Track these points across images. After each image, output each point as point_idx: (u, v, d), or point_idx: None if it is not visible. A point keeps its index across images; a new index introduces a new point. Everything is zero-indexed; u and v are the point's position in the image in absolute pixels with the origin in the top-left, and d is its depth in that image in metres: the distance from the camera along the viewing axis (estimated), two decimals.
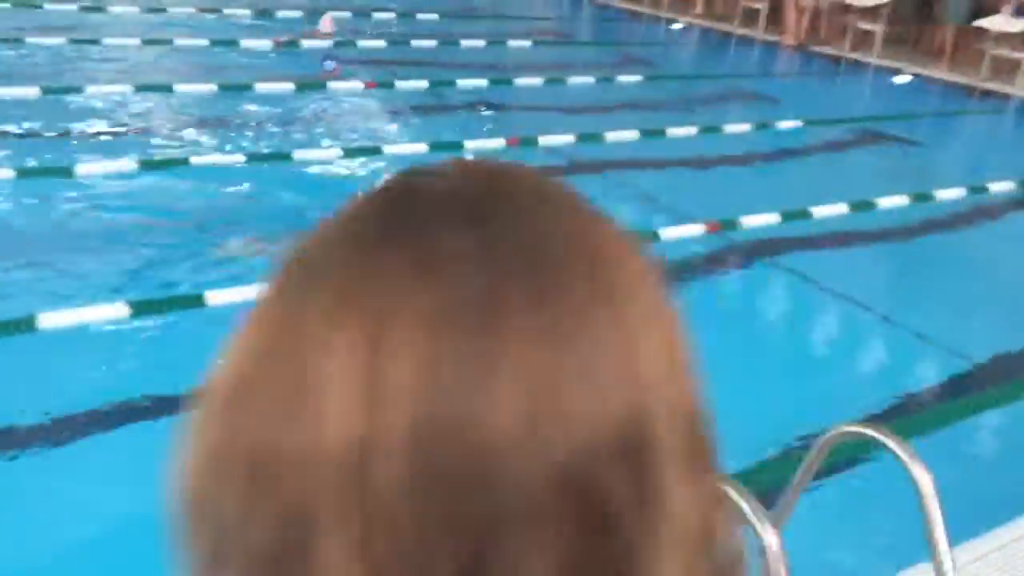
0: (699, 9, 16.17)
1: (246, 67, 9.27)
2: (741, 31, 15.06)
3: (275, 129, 7.66)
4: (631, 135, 8.13)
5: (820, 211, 6.63)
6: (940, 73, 12.72)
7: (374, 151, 7.20)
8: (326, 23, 11.15)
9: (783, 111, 9.96)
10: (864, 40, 13.84)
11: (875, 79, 12.70)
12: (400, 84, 9.30)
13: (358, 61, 9.98)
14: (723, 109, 9.97)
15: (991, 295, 5.75)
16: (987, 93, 11.99)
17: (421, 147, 7.18)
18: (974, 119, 11.32)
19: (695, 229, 6.03)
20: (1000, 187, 7.78)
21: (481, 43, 11.76)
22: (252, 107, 8.10)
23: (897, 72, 12.67)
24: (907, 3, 14.01)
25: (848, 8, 13.74)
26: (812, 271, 5.82)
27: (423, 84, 9.27)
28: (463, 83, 9.52)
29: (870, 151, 9.00)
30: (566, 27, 15.65)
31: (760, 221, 6.34)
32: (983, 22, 12.17)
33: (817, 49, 14.03)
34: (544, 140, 7.74)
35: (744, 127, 8.96)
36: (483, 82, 9.66)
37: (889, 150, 9.13)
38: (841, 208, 6.71)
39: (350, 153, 7.08)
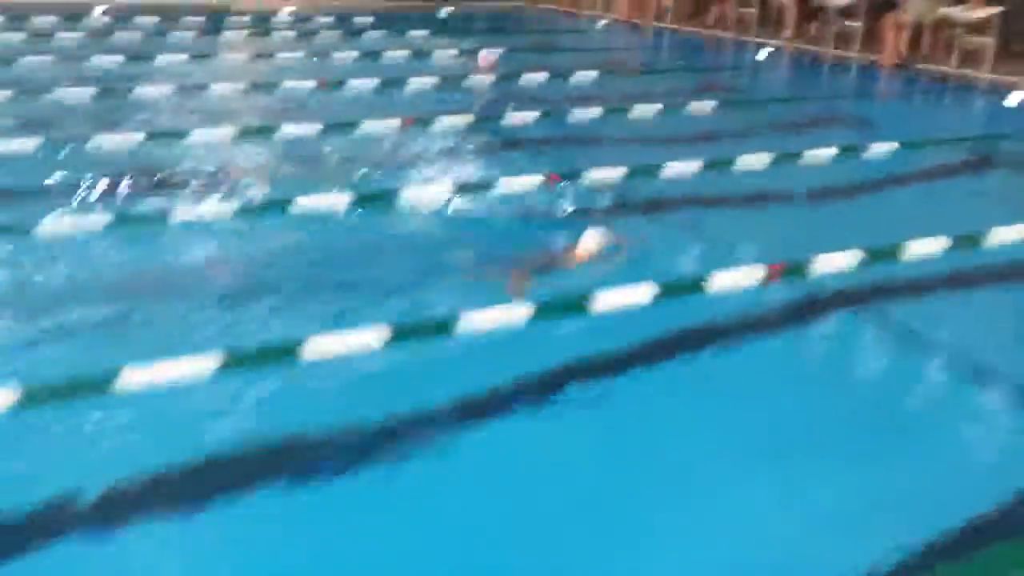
0: (789, 32, 15.00)
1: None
2: (835, 52, 13.84)
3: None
4: (695, 167, 7.13)
5: (916, 248, 5.48)
6: None
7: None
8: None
9: (877, 134, 8.77)
10: (973, 56, 12.45)
11: (987, 97, 11.30)
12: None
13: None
14: (809, 135, 8.82)
15: None
16: None
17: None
18: None
19: (751, 274, 4.97)
20: None
21: (546, 76, 10.98)
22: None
23: (1011, 90, 11.23)
24: (1020, 15, 12.57)
25: (955, 22, 12.38)
26: (911, 321, 4.70)
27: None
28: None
29: (979, 177, 7.72)
30: (648, 58, 14.75)
31: (840, 262, 5.25)
32: None
33: (920, 67, 12.70)
34: (600, 174, 6.82)
35: (830, 152, 7.83)
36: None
37: (1002, 175, 7.83)
38: (941, 243, 5.54)
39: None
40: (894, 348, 4.58)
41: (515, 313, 4.43)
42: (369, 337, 4.11)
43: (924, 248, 5.49)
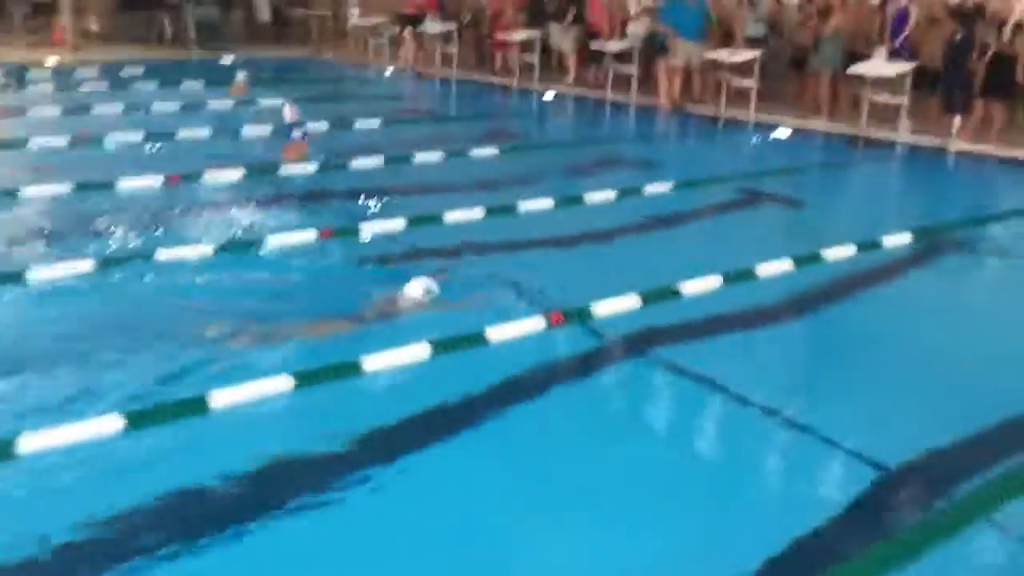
0: (571, 79, 15.38)
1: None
2: (614, 97, 14.28)
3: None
4: (476, 214, 6.98)
5: (692, 287, 5.51)
6: (820, 125, 12.01)
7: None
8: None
9: (654, 175, 8.98)
10: (741, 96, 13.14)
11: (753, 136, 11.90)
12: None
13: None
14: (590, 178, 8.90)
15: (899, 375, 4.63)
16: (870, 141, 11.27)
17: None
18: (859, 170, 10.51)
19: (531, 324, 4.80)
20: (895, 241, 6.80)
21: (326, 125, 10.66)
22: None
23: (776, 127, 11.91)
24: (781, 57, 13.42)
25: (720, 65, 13.04)
26: (686, 362, 4.64)
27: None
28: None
29: (750, 213, 8.00)
30: (430, 105, 14.67)
31: (621, 306, 5.17)
32: (857, 68, 11.51)
33: (693, 110, 13.28)
34: (372, 226, 6.54)
35: (609, 195, 7.92)
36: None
37: (770, 211, 8.16)
38: (714, 282, 5.60)
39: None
40: (680, 390, 4.51)
41: (277, 383, 4.06)
42: (104, 425, 3.63)
43: (701, 286, 5.53)
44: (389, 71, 17.56)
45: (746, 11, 13.01)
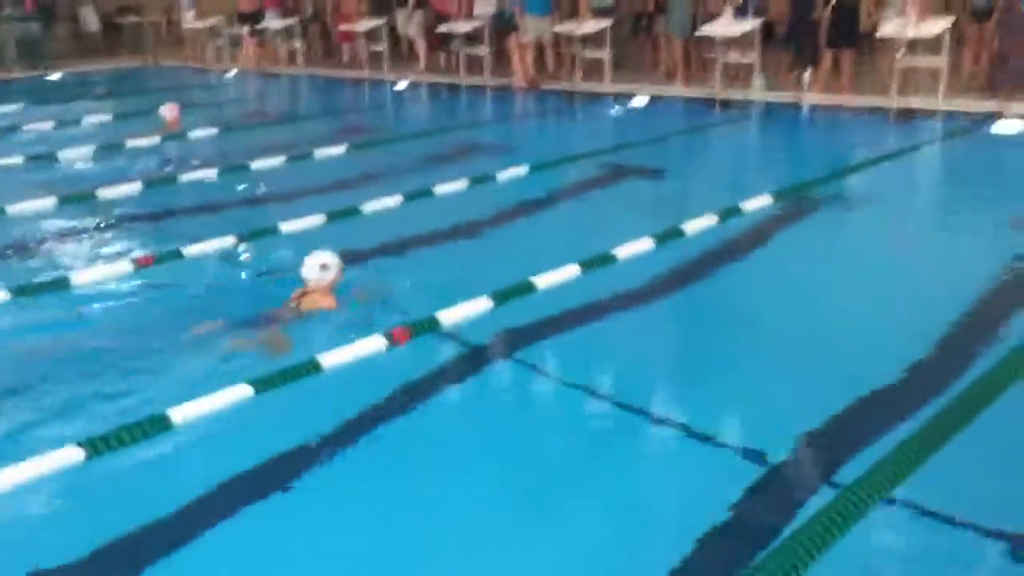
0: (422, 66, 14.78)
1: None
2: (469, 81, 13.77)
3: None
4: (316, 221, 6.37)
5: (551, 279, 5.05)
6: (676, 90, 11.79)
7: None
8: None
9: (512, 159, 8.53)
10: (596, 68, 12.83)
11: (612, 107, 11.59)
12: None
13: None
14: (445, 169, 8.37)
15: (770, 354, 4.27)
16: (726, 103, 11.10)
17: None
18: (717, 132, 10.28)
19: (372, 345, 4.26)
20: (758, 204, 6.51)
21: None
22: None
23: (632, 96, 11.63)
24: (625, 24, 13.17)
25: (571, 39, 12.68)
26: (547, 363, 4.19)
27: None
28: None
29: (611, 191, 7.60)
30: (274, 106, 13.85)
31: (472, 310, 4.67)
32: (705, 29, 11.31)
33: (549, 86, 12.89)
34: (201, 247, 5.85)
35: (462, 185, 7.42)
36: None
37: (632, 185, 7.79)
38: (574, 271, 5.16)
39: None
40: (544, 396, 4.05)
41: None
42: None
43: (560, 277, 5.09)
44: (231, 73, 16.61)
45: None
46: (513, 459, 3.49)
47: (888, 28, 10.06)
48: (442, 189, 7.26)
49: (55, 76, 16.49)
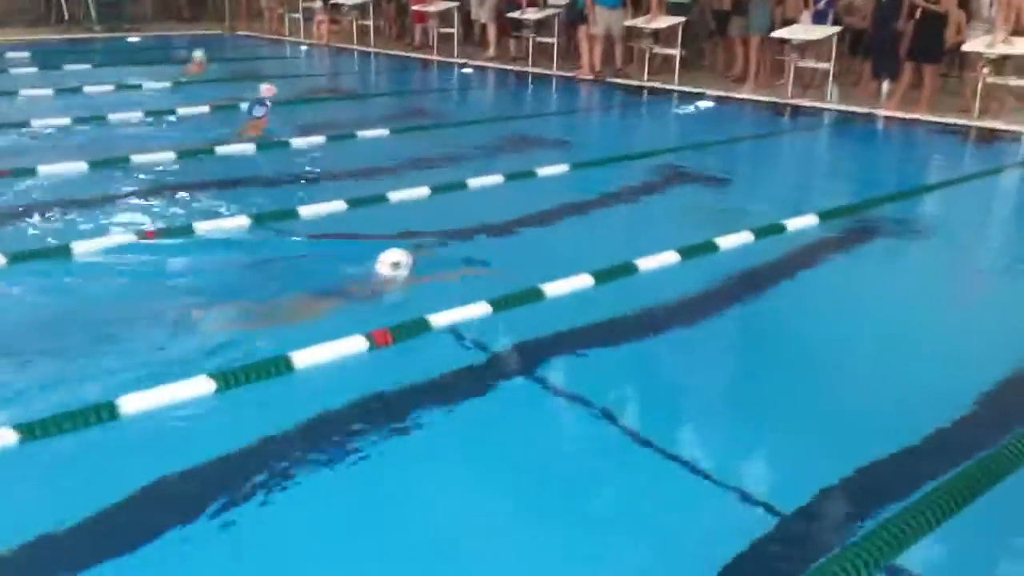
0: (491, 51, 14.48)
1: None
2: (535, 69, 13.44)
3: None
4: (338, 205, 6.16)
5: (559, 287, 4.71)
6: (746, 93, 11.29)
7: None
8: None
9: (567, 155, 8.22)
10: (666, 65, 12.39)
11: (677, 106, 11.16)
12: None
13: None
14: (497, 161, 8.08)
15: (803, 392, 3.90)
16: (797, 109, 10.58)
17: None
18: (784, 141, 9.80)
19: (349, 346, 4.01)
20: (810, 222, 6.08)
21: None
22: None
23: (701, 96, 11.18)
24: (704, 22, 12.67)
25: (642, 33, 12.24)
26: (563, 381, 3.89)
27: None
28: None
29: (666, 195, 7.21)
30: (339, 83, 13.69)
31: (472, 313, 4.38)
32: (782, 32, 10.78)
33: (616, 80, 12.48)
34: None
35: (498, 179, 7.11)
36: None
37: (689, 190, 7.38)
38: (585, 280, 4.83)
39: None
40: (552, 419, 3.74)
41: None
42: None
43: (575, 285, 4.78)
44: (304, 47, 16.56)
45: None
46: (519, 482, 3.20)
47: (974, 43, 9.42)
48: (477, 182, 6.97)
49: (134, 38, 16.63)
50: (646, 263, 5.14)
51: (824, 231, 6.08)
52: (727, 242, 5.60)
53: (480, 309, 4.39)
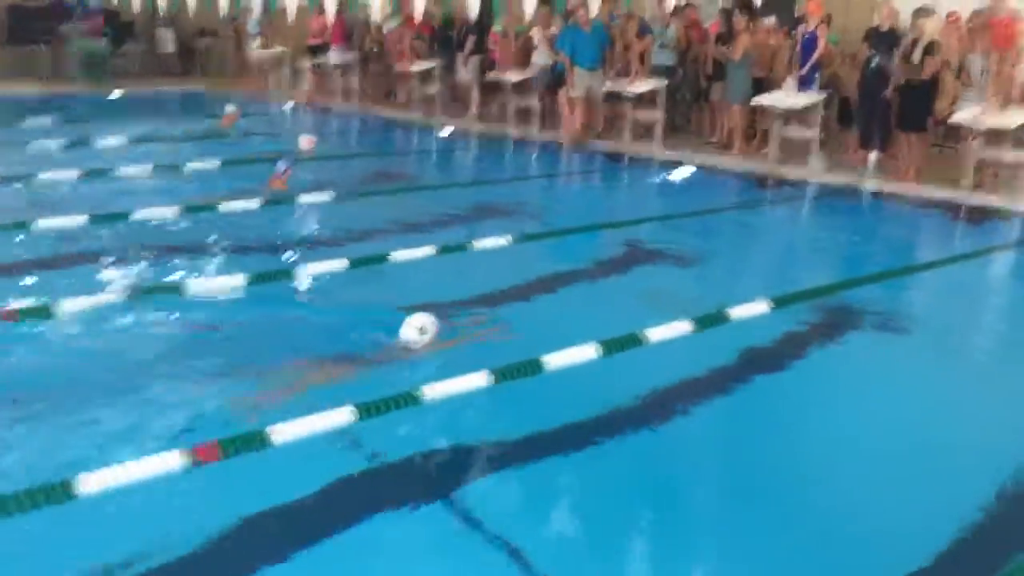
0: (473, 112, 13.99)
1: None
2: (516, 132, 12.90)
3: None
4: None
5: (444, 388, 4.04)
6: (729, 163, 10.69)
7: None
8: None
9: (532, 224, 7.64)
10: (649, 130, 11.83)
11: (658, 174, 10.55)
12: None
13: None
14: (460, 229, 7.47)
15: (759, 518, 3.21)
16: (781, 180, 9.97)
17: None
18: (764, 214, 9.15)
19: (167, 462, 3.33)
20: (775, 309, 5.41)
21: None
22: None
23: (682, 164, 10.58)
24: (687, 87, 12.15)
25: (623, 98, 11.71)
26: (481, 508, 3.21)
27: None
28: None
29: (627, 275, 6.56)
30: (329, 141, 13.17)
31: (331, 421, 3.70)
32: (763, 99, 10.22)
33: (597, 144, 11.92)
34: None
35: (445, 249, 6.46)
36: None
37: (653, 270, 6.74)
38: (479, 379, 4.14)
39: None
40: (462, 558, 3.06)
41: None
42: None
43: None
44: (289, 104, 16.11)
45: (649, 36, 11.69)
46: None
47: (962, 115, 8.82)
48: (419, 253, 6.33)
49: (115, 94, 16.23)
50: (579, 354, 4.46)
51: (797, 318, 5.42)
52: (676, 330, 4.93)
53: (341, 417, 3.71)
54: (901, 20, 9.65)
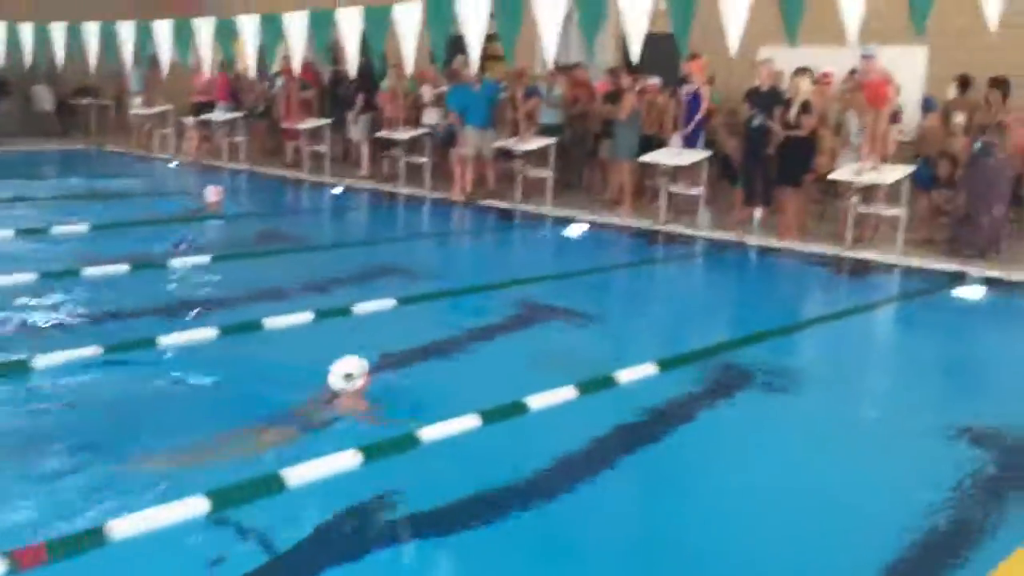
0: (364, 171, 13.72)
1: None
2: (407, 191, 12.68)
3: None
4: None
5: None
6: (619, 220, 10.68)
7: None
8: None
9: (420, 286, 7.38)
10: (539, 189, 11.77)
11: (549, 232, 10.49)
12: None
13: None
14: (342, 293, 7.15)
15: None
16: (670, 237, 10.00)
17: None
18: (652, 272, 9.12)
19: None
20: (652, 371, 5.27)
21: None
22: None
23: (573, 221, 10.53)
24: (577, 145, 12.20)
25: (511, 154, 11.65)
26: None
27: None
28: None
29: (518, 336, 6.36)
30: (200, 203, 12.68)
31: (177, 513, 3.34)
32: (650, 156, 10.29)
33: (489, 203, 11.79)
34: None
35: (316, 316, 6.12)
36: None
37: (544, 329, 6.56)
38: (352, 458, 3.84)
39: None
40: None
41: None
42: None
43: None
44: (172, 164, 15.54)
45: (536, 97, 11.69)
46: None
47: (842, 171, 9.03)
48: (297, 319, 5.98)
49: None
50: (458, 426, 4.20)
51: (687, 378, 5.30)
52: (563, 395, 4.72)
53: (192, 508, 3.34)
54: (784, 79, 9.87)
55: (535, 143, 11.27)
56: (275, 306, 6.36)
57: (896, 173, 8.83)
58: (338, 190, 12.74)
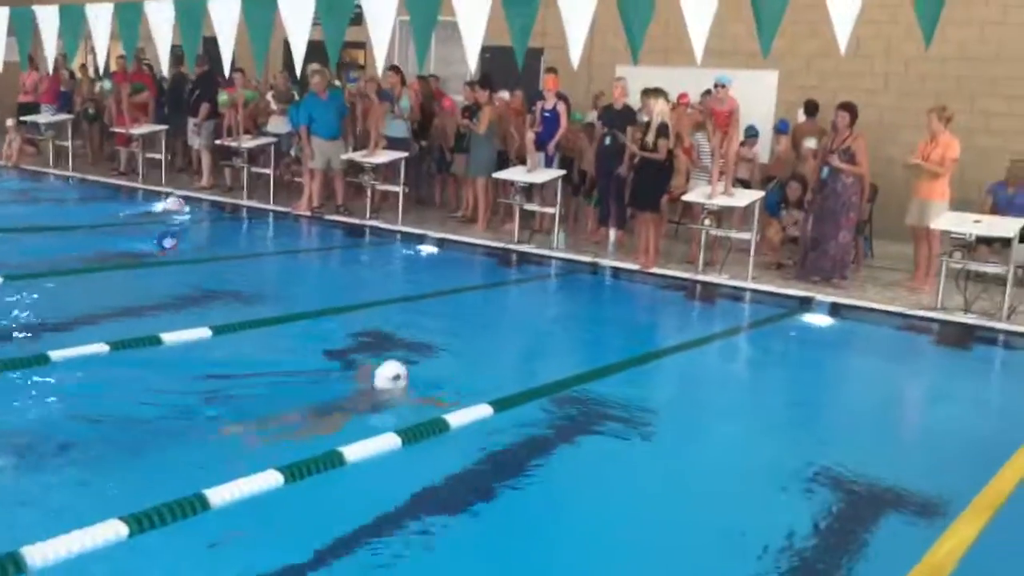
0: (205, 181, 12.82)
1: None
2: (251, 203, 11.89)
3: None
4: None
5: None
6: (472, 237, 10.23)
7: None
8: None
9: (240, 311, 6.70)
10: (391, 202, 11.22)
11: (398, 249, 9.96)
12: None
13: None
14: (151, 319, 6.40)
15: None
16: (526, 257, 9.62)
17: None
18: (503, 294, 8.66)
19: None
20: (479, 414, 4.83)
21: None
22: None
23: (424, 239, 10.02)
24: (431, 160, 11.73)
25: (360, 167, 11.06)
26: None
27: None
28: None
29: (344, 376, 5.78)
30: (29, 211, 11.50)
31: None
32: (504, 174, 9.91)
33: (337, 217, 11.14)
34: None
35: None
36: None
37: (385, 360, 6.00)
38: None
39: None
40: None
41: None
42: None
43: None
44: None
45: (383, 108, 11.14)
46: None
47: (694, 194, 8.88)
48: (92, 349, 5.22)
49: None
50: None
51: (538, 413, 4.89)
52: (389, 442, 4.20)
53: None
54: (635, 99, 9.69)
55: (384, 156, 10.72)
56: (63, 336, 5.58)
57: (748, 197, 8.75)
58: (169, 202, 11.71)
